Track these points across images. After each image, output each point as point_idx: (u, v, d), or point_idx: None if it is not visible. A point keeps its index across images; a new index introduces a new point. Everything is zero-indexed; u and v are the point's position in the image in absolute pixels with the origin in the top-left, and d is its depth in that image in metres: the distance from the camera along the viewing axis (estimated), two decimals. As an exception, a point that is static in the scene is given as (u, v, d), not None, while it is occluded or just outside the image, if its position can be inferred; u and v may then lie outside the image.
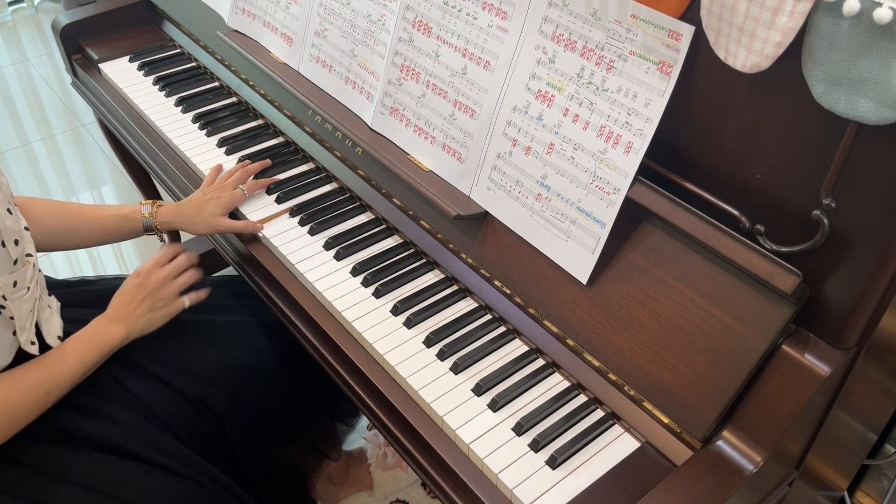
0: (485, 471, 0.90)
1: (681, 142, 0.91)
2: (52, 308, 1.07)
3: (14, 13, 3.67)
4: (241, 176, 1.29)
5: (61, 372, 1.02)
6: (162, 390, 1.15)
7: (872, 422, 1.22)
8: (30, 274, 0.97)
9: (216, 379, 1.19)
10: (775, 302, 0.82)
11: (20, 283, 0.95)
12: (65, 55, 1.68)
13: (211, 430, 1.19)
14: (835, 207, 0.79)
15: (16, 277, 0.94)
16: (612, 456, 0.91)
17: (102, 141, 2.59)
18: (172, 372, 1.16)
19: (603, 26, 0.90)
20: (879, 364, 0.96)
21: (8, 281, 0.93)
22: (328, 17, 1.28)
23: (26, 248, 0.98)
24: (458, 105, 1.08)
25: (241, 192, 1.26)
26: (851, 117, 0.73)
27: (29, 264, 0.98)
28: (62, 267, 2.28)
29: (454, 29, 1.07)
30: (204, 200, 1.24)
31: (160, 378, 1.15)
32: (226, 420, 1.19)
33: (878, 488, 1.49)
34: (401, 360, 1.01)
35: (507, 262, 1.04)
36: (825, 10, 0.70)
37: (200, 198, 1.25)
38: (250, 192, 1.28)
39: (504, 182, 1.04)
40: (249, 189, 1.28)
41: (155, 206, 1.23)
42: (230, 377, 1.21)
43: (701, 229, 0.87)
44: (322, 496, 1.56)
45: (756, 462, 0.84)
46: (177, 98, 1.52)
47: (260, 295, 1.21)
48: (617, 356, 0.92)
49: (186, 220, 1.24)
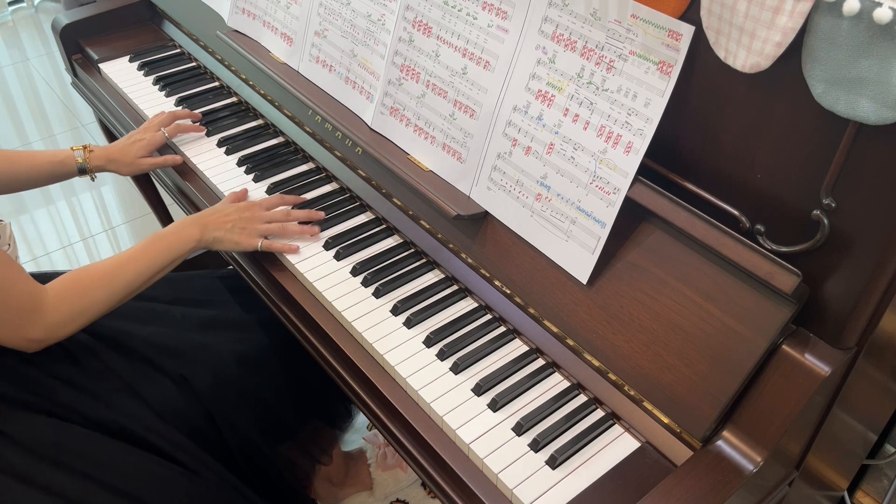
0: (485, 471, 0.90)
1: (681, 142, 0.91)
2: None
3: (14, 13, 3.67)
4: (165, 119, 1.38)
5: (128, 267, 1.06)
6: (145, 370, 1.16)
7: (872, 422, 1.22)
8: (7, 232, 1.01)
9: (197, 357, 1.21)
10: (775, 302, 0.82)
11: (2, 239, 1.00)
12: (65, 55, 1.68)
13: (196, 413, 1.18)
14: (835, 207, 0.79)
15: None
16: (612, 456, 0.91)
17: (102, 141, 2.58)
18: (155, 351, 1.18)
19: (603, 26, 0.90)
20: (879, 364, 0.96)
21: None
22: (328, 17, 1.28)
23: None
24: (458, 105, 1.08)
25: (162, 134, 1.35)
26: (851, 117, 0.73)
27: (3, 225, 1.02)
28: (62, 267, 2.28)
29: (454, 29, 1.07)
30: (128, 143, 1.35)
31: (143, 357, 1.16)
32: (208, 401, 1.19)
33: (878, 488, 1.49)
34: (401, 359, 1.01)
35: (507, 262, 1.04)
36: (825, 9, 0.70)
37: (125, 141, 1.36)
38: (171, 135, 1.37)
39: (504, 182, 1.04)
40: (171, 132, 1.37)
41: (87, 151, 1.31)
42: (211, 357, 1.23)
43: (701, 229, 0.87)
44: (322, 496, 1.56)
45: (756, 462, 0.84)
46: (177, 98, 1.52)
47: (258, 293, 1.21)
48: (617, 356, 0.92)
49: (114, 162, 1.34)
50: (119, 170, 1.34)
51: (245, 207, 1.18)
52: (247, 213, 1.17)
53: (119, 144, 1.35)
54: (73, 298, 1.01)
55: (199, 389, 1.19)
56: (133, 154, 1.33)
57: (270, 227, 1.17)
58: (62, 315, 1.00)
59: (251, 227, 1.16)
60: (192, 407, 1.18)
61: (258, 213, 1.18)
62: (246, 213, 1.17)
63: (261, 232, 1.16)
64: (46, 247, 2.35)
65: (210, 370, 1.21)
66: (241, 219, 1.16)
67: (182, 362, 1.19)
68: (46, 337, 1.00)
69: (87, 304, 1.02)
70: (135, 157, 1.33)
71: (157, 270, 1.09)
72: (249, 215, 1.17)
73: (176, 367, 1.18)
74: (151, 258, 1.08)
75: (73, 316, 1.01)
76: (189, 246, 1.12)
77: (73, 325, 1.02)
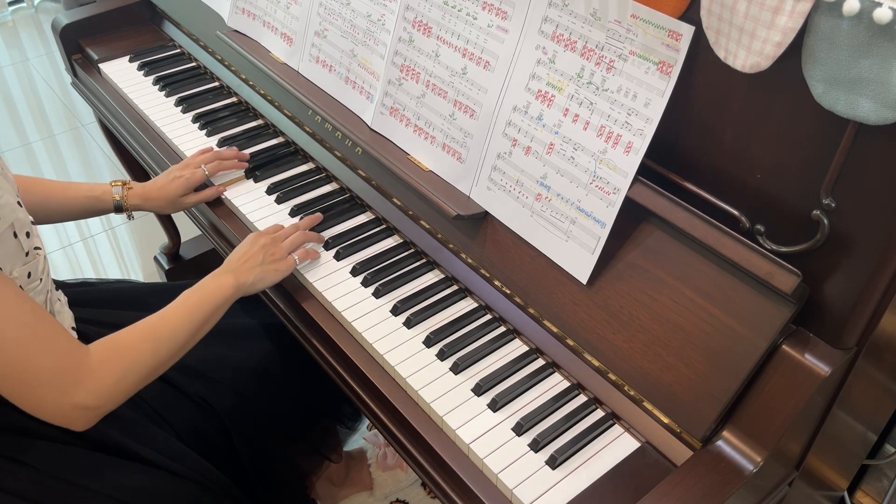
0: (485, 471, 0.90)
1: (681, 141, 0.91)
2: (62, 301, 1.08)
3: (14, 13, 3.67)
4: (208, 157, 1.31)
5: (168, 323, 0.99)
6: (165, 389, 1.15)
7: (872, 422, 1.22)
8: (41, 265, 0.98)
9: (219, 378, 1.19)
10: (775, 302, 0.82)
11: (34, 275, 0.95)
12: (65, 55, 1.68)
13: (213, 430, 1.19)
14: (835, 207, 0.79)
15: (29, 269, 0.94)
16: (612, 456, 0.91)
17: (102, 141, 2.59)
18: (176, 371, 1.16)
19: (603, 26, 0.90)
20: (879, 364, 0.96)
21: (23, 272, 0.93)
22: (328, 17, 1.28)
23: (34, 241, 0.98)
24: (458, 105, 1.08)
25: (202, 172, 1.29)
26: (851, 117, 0.73)
27: (39, 256, 0.98)
28: (62, 267, 2.28)
29: (454, 29, 1.07)
30: (167, 181, 1.28)
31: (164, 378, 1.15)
32: (227, 420, 1.19)
33: (878, 488, 1.49)
34: (401, 360, 1.01)
35: (507, 262, 1.04)
36: (825, 9, 0.70)
37: (164, 179, 1.29)
38: (212, 173, 1.30)
39: (504, 182, 1.04)
40: (211, 169, 1.30)
41: (125, 189, 1.26)
42: (233, 376, 1.21)
43: (701, 229, 0.87)
44: (322, 496, 1.56)
45: (756, 462, 0.83)
46: (177, 98, 1.52)
47: (260, 296, 1.21)
48: (617, 356, 0.92)
49: (152, 201, 1.28)
50: (158, 208, 1.29)
51: (257, 237, 1.14)
52: (263, 239, 1.13)
53: (158, 183, 1.29)
54: (117, 358, 0.93)
55: (220, 410, 1.18)
56: (172, 193, 1.27)
57: (294, 240, 1.15)
58: (108, 377, 0.91)
59: (278, 251, 1.13)
60: (209, 425, 1.18)
61: (272, 235, 1.15)
62: (263, 239, 1.13)
63: (286, 249, 1.13)
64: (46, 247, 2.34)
65: (229, 389, 1.20)
66: (263, 248, 1.12)
67: (203, 382, 1.17)
68: (94, 403, 0.90)
69: (132, 365, 0.94)
70: (174, 195, 1.27)
71: (199, 325, 1.02)
72: (267, 240, 1.13)
73: (197, 391, 1.16)
74: (189, 313, 1.01)
75: (118, 378, 0.92)
76: (227, 293, 1.05)
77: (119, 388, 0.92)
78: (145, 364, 0.95)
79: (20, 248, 0.92)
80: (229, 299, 1.06)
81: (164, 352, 0.98)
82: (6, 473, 0.97)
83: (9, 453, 0.97)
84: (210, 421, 1.18)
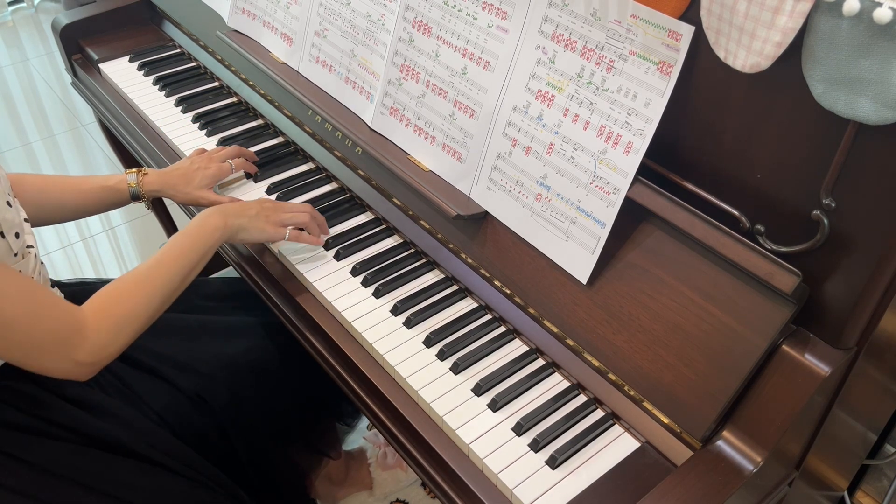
0: (485, 471, 0.90)
1: (681, 142, 0.91)
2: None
3: (14, 13, 3.67)
4: (232, 152, 1.28)
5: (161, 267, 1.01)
6: (161, 387, 1.15)
7: (872, 422, 1.22)
8: (32, 264, 0.98)
9: (215, 375, 1.19)
10: (775, 302, 0.82)
11: (25, 273, 0.95)
12: (65, 55, 1.68)
13: (210, 428, 1.19)
14: (835, 207, 0.79)
15: (20, 268, 0.94)
16: (612, 456, 0.91)
17: (102, 141, 2.59)
18: (172, 368, 1.16)
19: (603, 26, 0.90)
20: (879, 364, 0.96)
21: None
22: (328, 17, 1.28)
23: (27, 239, 0.98)
24: (458, 105, 1.08)
25: (229, 166, 1.26)
26: (851, 117, 0.73)
27: (31, 255, 0.98)
28: (62, 267, 2.28)
29: (454, 29, 1.07)
30: (192, 170, 1.23)
31: (160, 374, 1.15)
32: (224, 417, 1.19)
33: (878, 488, 1.49)
34: (401, 360, 1.01)
35: (507, 262, 1.04)
36: (825, 10, 0.70)
37: (188, 166, 1.24)
38: (237, 168, 1.28)
39: (504, 182, 1.04)
40: (237, 165, 1.27)
41: (140, 175, 1.21)
42: (230, 374, 1.21)
43: (701, 229, 0.87)
44: (322, 496, 1.56)
45: (756, 462, 0.84)
46: (177, 98, 1.52)
47: (260, 295, 1.21)
48: (617, 356, 0.92)
49: (172, 188, 1.22)
50: (176, 196, 1.23)
51: (265, 200, 1.15)
52: (268, 204, 1.14)
53: (180, 169, 1.23)
54: (112, 310, 0.95)
55: (217, 408, 1.18)
56: (197, 182, 1.21)
57: (297, 217, 1.14)
58: (105, 331, 0.94)
59: (276, 217, 1.12)
60: (206, 423, 1.18)
61: (281, 206, 1.15)
62: (267, 203, 1.14)
63: (284, 222, 1.12)
64: (46, 247, 2.34)
65: (227, 388, 1.20)
66: (263, 209, 1.12)
67: (198, 380, 1.17)
68: (94, 359, 0.94)
69: (127, 314, 0.96)
70: (199, 185, 1.21)
71: (190, 267, 1.03)
72: (271, 205, 1.14)
73: (193, 386, 1.16)
74: (180, 255, 1.02)
75: (115, 330, 0.95)
76: (215, 235, 1.05)
77: (117, 341, 0.96)
78: (140, 311, 0.98)
79: (8, 248, 0.92)
80: (218, 241, 1.07)
81: (157, 298, 1.00)
82: (6, 471, 0.97)
83: (9, 450, 0.98)
84: (208, 419, 1.18)
